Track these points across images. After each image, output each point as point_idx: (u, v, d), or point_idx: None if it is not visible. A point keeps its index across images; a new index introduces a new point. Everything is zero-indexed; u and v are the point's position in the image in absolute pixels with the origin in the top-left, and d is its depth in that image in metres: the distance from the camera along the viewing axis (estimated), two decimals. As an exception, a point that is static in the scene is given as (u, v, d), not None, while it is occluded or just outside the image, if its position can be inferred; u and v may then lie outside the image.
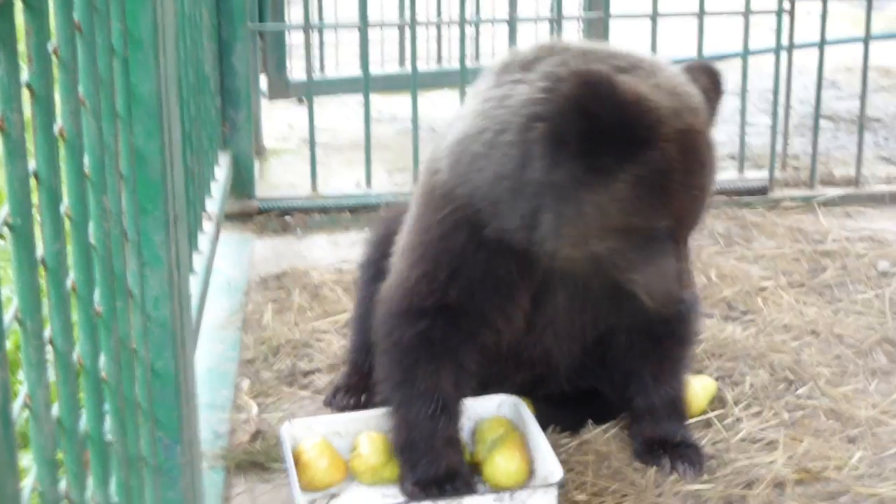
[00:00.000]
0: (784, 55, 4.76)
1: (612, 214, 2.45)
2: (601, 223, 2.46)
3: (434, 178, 2.68)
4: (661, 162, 2.40)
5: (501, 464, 2.73)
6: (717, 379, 3.24)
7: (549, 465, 2.68)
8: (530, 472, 2.74)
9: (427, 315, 2.68)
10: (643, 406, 2.94)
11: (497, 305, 2.72)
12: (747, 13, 4.59)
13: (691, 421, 3.06)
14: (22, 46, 1.28)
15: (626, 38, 5.24)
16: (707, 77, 2.62)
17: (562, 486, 2.67)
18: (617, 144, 2.38)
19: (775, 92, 4.79)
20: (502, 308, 2.73)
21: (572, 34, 5.78)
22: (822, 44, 4.71)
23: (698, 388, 3.09)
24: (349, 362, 3.19)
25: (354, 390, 3.10)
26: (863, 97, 4.86)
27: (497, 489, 2.65)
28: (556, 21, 4.79)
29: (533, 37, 5.83)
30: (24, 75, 1.31)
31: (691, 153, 2.46)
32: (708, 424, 3.07)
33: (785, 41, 4.71)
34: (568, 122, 2.36)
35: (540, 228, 2.48)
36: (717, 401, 3.16)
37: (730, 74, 5.18)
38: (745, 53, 4.76)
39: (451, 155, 2.63)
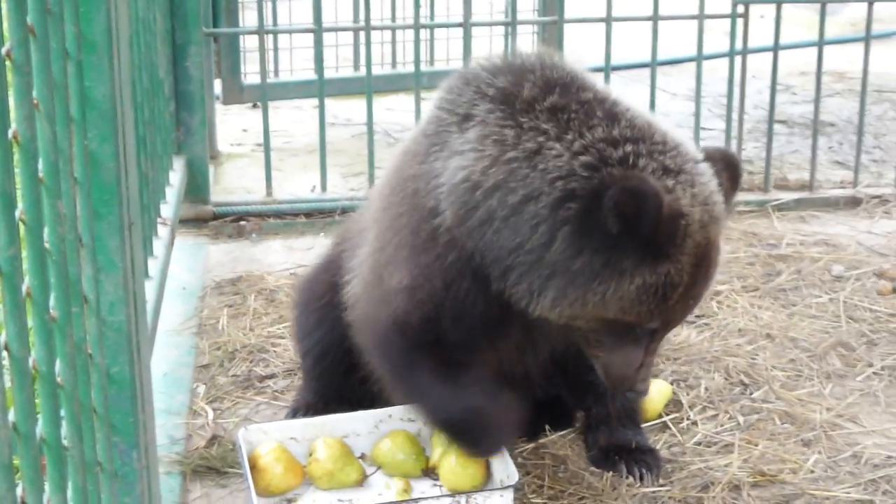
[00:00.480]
0: (738, 59, 4.79)
1: (612, 308, 2.47)
2: (598, 312, 2.48)
3: (433, 220, 2.57)
4: (675, 275, 2.43)
5: (458, 467, 2.74)
6: (672, 383, 3.27)
7: (506, 469, 2.69)
8: (487, 476, 2.75)
9: (427, 349, 2.66)
10: (600, 414, 2.97)
11: (490, 340, 2.73)
12: (701, 17, 4.63)
13: (647, 425, 3.09)
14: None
15: (580, 41, 5.28)
16: (727, 170, 2.60)
17: (518, 489, 2.69)
18: (642, 251, 2.39)
19: (729, 96, 4.83)
20: (494, 343, 2.76)
21: (526, 38, 5.80)
22: (776, 48, 4.75)
23: (654, 391, 3.09)
24: (310, 389, 3.14)
25: (315, 411, 3.05)
26: (817, 101, 4.90)
27: (454, 492, 2.66)
28: (511, 25, 4.81)
29: (487, 41, 5.86)
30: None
31: (702, 267, 2.48)
32: (664, 428, 3.10)
33: (739, 45, 4.75)
34: (605, 220, 2.34)
35: (541, 298, 2.48)
36: (673, 404, 3.19)
37: (683, 79, 5.23)
38: (699, 58, 4.80)
39: (457, 202, 2.53)
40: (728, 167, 2.61)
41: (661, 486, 2.84)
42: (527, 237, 2.43)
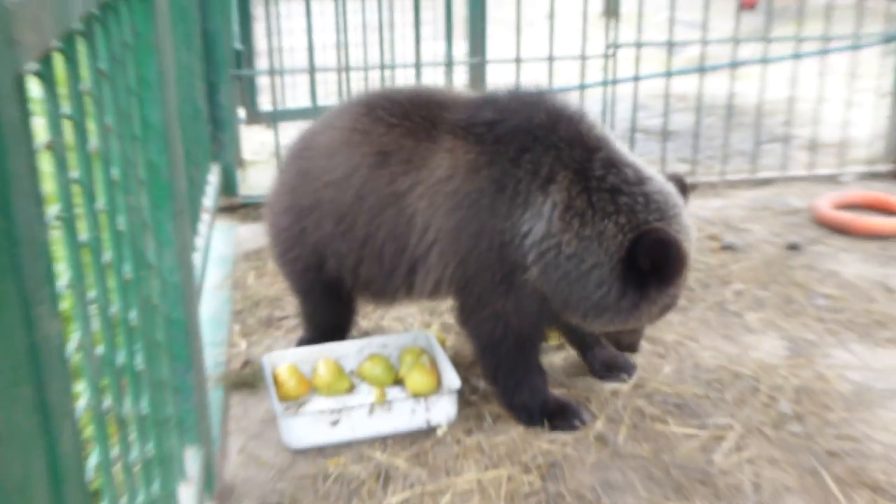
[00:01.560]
0: (610, 87, 4.83)
1: (639, 323, 2.57)
2: (629, 326, 2.58)
3: (522, 275, 2.47)
4: (676, 292, 2.51)
5: (418, 378, 2.76)
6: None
7: (451, 378, 2.72)
8: (438, 384, 2.78)
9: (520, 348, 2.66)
10: (595, 348, 2.96)
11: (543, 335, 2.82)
12: (583, 57, 4.66)
13: (550, 345, 3.12)
14: (63, 89, 1.28)
15: (497, 76, 5.29)
16: (682, 191, 2.58)
17: (460, 392, 2.72)
18: (663, 282, 2.44)
19: (603, 114, 4.86)
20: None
21: (460, 75, 5.80)
22: (636, 78, 4.80)
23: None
24: (313, 327, 3.05)
25: (314, 342, 3.00)
26: (665, 116, 4.96)
27: (416, 396, 2.69)
28: (449, 65, 4.81)
29: (433, 76, 5.85)
30: (65, 109, 1.31)
31: (686, 278, 2.54)
32: (562, 348, 3.13)
33: (610, 77, 4.79)
34: (640, 262, 2.37)
35: (593, 323, 2.52)
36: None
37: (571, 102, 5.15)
38: (582, 86, 4.83)
39: (543, 263, 2.43)
40: (682, 189, 2.60)
41: (563, 387, 2.87)
42: (592, 291, 2.43)
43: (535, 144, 2.46)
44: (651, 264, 2.37)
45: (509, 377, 2.67)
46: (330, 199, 2.71)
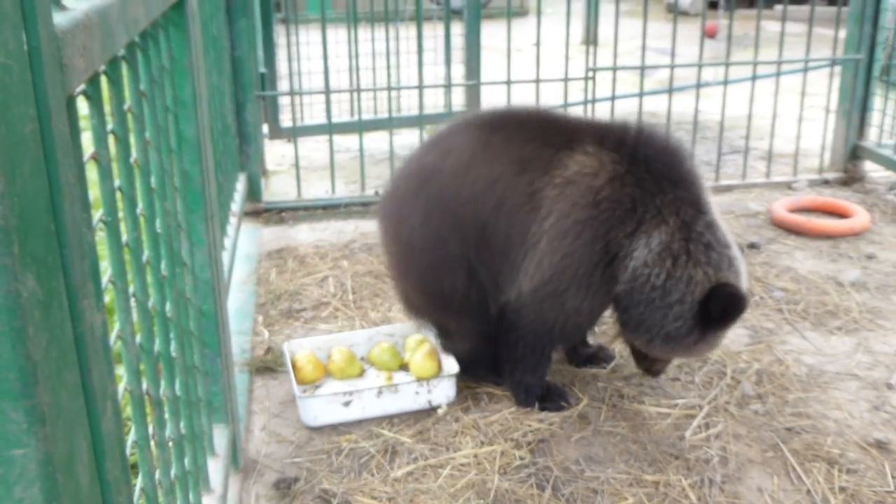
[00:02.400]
0: (590, 106, 4.82)
1: (684, 354, 2.55)
2: (677, 355, 2.59)
3: (614, 286, 2.42)
4: (723, 338, 2.55)
5: (421, 363, 2.75)
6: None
7: (451, 364, 2.71)
8: (440, 369, 2.76)
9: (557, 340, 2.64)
10: (581, 346, 2.94)
11: None
12: (566, 79, 4.64)
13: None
14: (108, 107, 1.27)
15: (490, 96, 5.28)
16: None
17: (459, 376, 2.71)
18: (722, 331, 2.46)
19: (586, 129, 4.82)
20: None
21: (458, 95, 5.79)
22: (613, 98, 4.78)
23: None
24: (472, 341, 2.73)
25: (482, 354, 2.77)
26: (639, 131, 4.92)
27: (419, 379, 2.68)
28: (448, 86, 4.79)
29: (434, 96, 5.84)
30: (110, 125, 1.30)
31: None
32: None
33: (590, 97, 4.78)
34: (712, 310, 2.36)
35: (652, 345, 2.48)
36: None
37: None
38: (565, 105, 4.81)
39: (632, 285, 2.39)
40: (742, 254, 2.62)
41: (551, 371, 2.85)
42: (668, 322, 2.39)
43: (667, 187, 2.40)
44: (720, 312, 2.37)
45: (530, 358, 2.60)
46: (472, 213, 2.46)
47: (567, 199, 2.39)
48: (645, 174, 2.38)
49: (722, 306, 2.36)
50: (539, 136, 2.48)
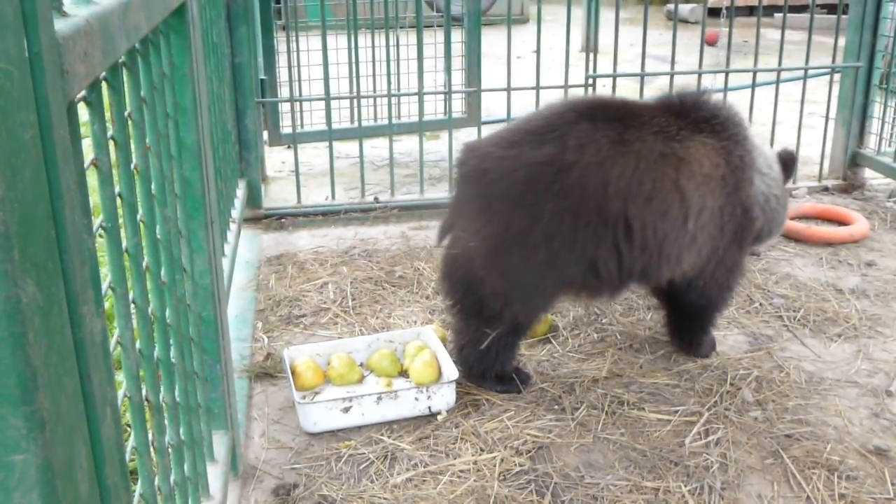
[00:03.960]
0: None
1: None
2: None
3: (755, 224, 2.80)
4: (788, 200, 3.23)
5: (420, 370, 2.75)
6: (552, 314, 3.29)
7: (450, 370, 2.71)
8: (439, 374, 2.76)
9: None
10: None
11: None
12: (566, 86, 4.64)
13: (537, 339, 3.10)
14: (108, 114, 1.27)
15: (491, 103, 5.28)
16: (789, 158, 3.00)
17: (458, 382, 2.71)
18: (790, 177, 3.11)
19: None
20: None
21: (458, 102, 5.80)
22: (613, 105, 4.78)
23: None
24: (518, 326, 2.75)
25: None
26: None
27: (419, 385, 2.67)
28: (448, 94, 4.80)
29: (434, 103, 5.85)
30: (110, 132, 1.30)
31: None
32: (547, 342, 3.12)
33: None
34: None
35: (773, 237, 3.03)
36: (552, 328, 3.21)
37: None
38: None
39: (764, 210, 2.81)
40: (788, 156, 3.02)
41: (545, 382, 2.85)
42: (783, 214, 2.99)
43: (740, 132, 2.76)
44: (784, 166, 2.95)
45: (716, 318, 2.98)
46: (620, 209, 2.51)
47: (709, 191, 2.64)
48: (731, 137, 2.74)
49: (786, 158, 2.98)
50: (658, 127, 2.62)
